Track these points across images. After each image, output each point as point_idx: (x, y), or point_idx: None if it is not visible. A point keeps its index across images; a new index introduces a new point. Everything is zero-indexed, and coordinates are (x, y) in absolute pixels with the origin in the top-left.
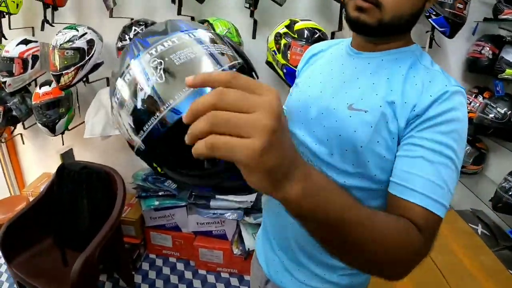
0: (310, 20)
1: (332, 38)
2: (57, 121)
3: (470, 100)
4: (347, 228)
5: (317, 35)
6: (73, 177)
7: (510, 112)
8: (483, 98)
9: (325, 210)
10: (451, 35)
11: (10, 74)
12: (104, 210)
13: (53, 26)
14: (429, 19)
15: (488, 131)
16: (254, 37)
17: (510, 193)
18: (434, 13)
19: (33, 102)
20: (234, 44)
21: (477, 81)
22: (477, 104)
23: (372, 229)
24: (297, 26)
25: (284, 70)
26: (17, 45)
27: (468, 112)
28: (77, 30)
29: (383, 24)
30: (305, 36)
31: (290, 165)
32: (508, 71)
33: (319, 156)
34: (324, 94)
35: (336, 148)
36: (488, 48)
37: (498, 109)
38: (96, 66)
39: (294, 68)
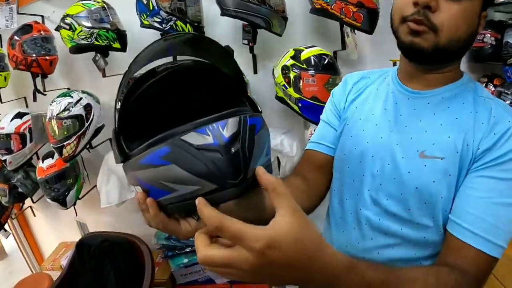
0: (314, 46)
1: (335, 57)
2: (66, 193)
3: None
4: None
5: (326, 60)
6: (94, 253)
7: None
8: (494, 86)
9: None
10: None
11: (9, 151)
12: (132, 280)
13: (45, 94)
14: None
15: None
16: (255, 71)
17: None
18: None
19: (38, 177)
20: None
21: (483, 70)
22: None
23: None
24: (303, 56)
25: (299, 104)
26: (12, 119)
27: None
28: (72, 97)
29: (440, 49)
30: (313, 63)
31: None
32: None
33: (393, 212)
34: (385, 140)
35: (413, 203)
36: (489, 35)
37: None
38: (97, 130)
39: (310, 101)
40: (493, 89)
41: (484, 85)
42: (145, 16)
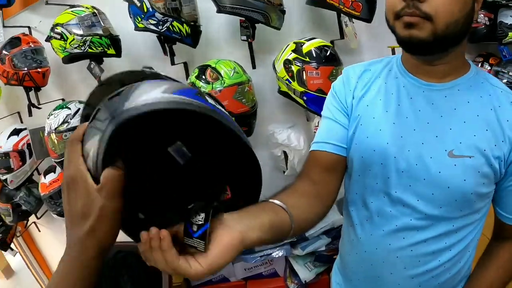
0: (315, 38)
1: (333, 46)
2: None
3: None
4: None
5: (328, 52)
6: (108, 264)
7: None
8: (490, 65)
9: None
10: None
11: (9, 170)
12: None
13: (40, 108)
14: None
15: None
16: (254, 67)
17: None
18: None
19: (41, 194)
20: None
21: (478, 49)
22: None
23: None
24: (305, 48)
25: (305, 98)
26: (8, 137)
27: None
28: (69, 108)
29: (439, 37)
30: (316, 56)
31: None
32: (511, 34)
33: (423, 211)
34: (407, 139)
35: (444, 201)
36: (482, 15)
37: (510, 73)
38: None
39: (315, 94)
40: (489, 68)
41: (479, 64)
42: (139, 19)
